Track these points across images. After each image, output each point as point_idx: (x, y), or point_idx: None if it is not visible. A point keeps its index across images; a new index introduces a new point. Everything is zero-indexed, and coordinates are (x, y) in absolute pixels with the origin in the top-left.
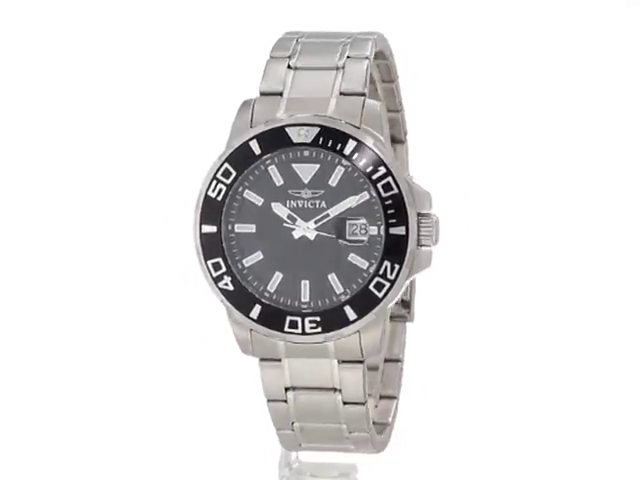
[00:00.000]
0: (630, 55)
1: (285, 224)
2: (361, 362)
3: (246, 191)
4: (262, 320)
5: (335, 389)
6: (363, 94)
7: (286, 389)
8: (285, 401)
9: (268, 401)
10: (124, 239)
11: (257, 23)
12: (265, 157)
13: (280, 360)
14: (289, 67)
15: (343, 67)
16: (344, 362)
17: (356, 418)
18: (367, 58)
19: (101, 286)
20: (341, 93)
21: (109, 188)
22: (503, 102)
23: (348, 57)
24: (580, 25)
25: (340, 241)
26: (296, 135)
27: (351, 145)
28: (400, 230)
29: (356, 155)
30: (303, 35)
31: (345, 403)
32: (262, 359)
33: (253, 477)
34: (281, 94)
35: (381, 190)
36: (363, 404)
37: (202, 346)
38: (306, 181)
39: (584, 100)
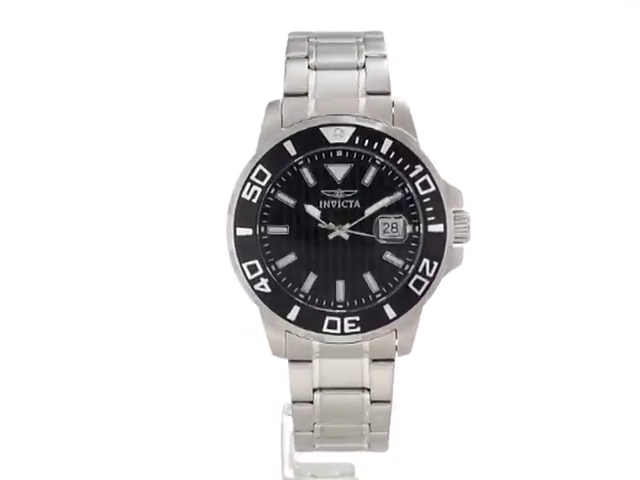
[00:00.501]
0: (630, 53)
1: (319, 225)
2: (392, 360)
3: (278, 193)
4: (300, 321)
5: (364, 388)
6: (389, 93)
7: (314, 390)
8: (311, 402)
9: (293, 403)
10: (131, 242)
11: (237, 24)
12: (299, 158)
13: (311, 361)
14: (309, 67)
15: (364, 66)
16: (375, 361)
17: (381, 417)
18: (385, 57)
19: (106, 289)
20: (367, 93)
21: (115, 190)
22: (496, 104)
23: (366, 56)
24: (580, 24)
25: (375, 240)
26: (332, 135)
27: (387, 144)
28: (438, 227)
29: (393, 154)
30: (312, 35)
31: (372, 402)
32: (292, 360)
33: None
34: (306, 94)
35: (419, 188)
36: (390, 402)
37: (204, 348)
38: (339, 181)
39: (585, 99)
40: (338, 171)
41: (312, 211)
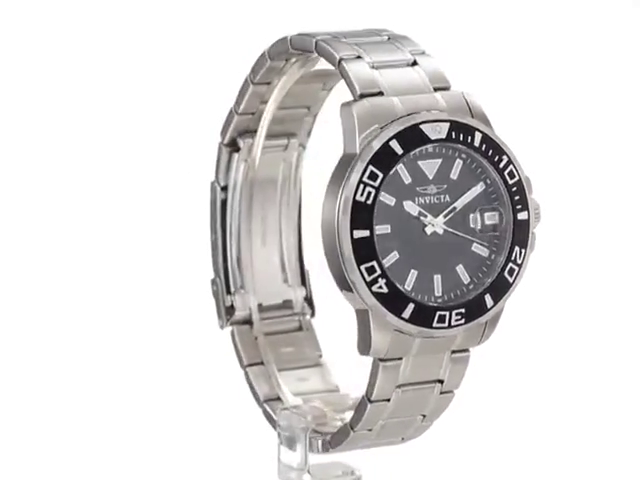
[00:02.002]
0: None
1: (417, 221)
2: (467, 350)
3: (380, 191)
4: (413, 319)
5: (438, 380)
6: (449, 88)
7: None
8: (388, 400)
9: (371, 402)
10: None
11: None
12: (404, 157)
13: (401, 358)
14: (368, 66)
15: (414, 63)
16: (454, 352)
17: (442, 406)
18: (424, 53)
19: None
20: (434, 89)
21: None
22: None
23: (411, 53)
24: (583, 24)
25: (465, 232)
26: (431, 132)
27: (478, 137)
28: (524, 215)
29: (484, 146)
30: (337, 35)
31: (442, 393)
32: (382, 359)
33: None
34: (381, 93)
35: (507, 178)
36: (453, 392)
37: (203, 349)
38: (431, 177)
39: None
40: (429, 167)
41: (411, 208)
